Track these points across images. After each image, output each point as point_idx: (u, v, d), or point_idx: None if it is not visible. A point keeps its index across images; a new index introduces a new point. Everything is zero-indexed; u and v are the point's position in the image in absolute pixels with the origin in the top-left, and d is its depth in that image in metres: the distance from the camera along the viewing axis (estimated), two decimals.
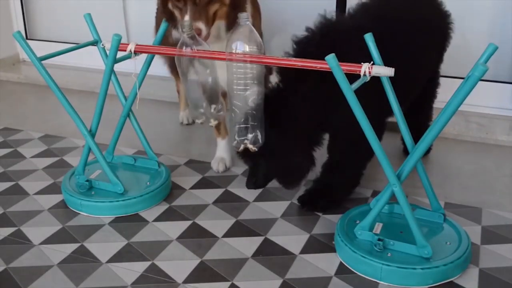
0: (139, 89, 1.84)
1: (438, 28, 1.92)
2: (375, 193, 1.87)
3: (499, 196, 1.89)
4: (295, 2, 2.68)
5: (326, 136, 1.76)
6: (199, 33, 1.63)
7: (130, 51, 1.69)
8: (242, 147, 1.57)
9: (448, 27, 1.96)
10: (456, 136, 2.34)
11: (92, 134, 1.83)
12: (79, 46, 1.92)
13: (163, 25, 1.83)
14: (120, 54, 1.69)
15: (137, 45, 1.69)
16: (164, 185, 1.88)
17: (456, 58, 2.49)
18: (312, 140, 1.69)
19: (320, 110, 1.62)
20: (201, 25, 1.64)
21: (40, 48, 2.30)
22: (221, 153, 2.11)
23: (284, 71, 1.61)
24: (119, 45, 1.67)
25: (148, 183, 1.90)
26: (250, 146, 1.56)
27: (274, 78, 1.69)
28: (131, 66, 1.73)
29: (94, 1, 3.12)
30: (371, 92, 1.46)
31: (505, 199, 1.88)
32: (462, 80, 1.59)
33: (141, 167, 2.00)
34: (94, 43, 1.94)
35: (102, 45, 1.70)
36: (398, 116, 1.58)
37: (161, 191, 1.88)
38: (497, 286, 1.45)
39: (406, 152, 2.05)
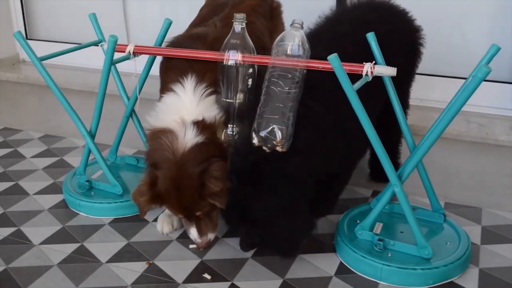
0: (140, 90, 1.83)
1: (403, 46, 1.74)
2: (375, 193, 1.87)
3: (499, 196, 1.89)
4: (295, 2, 2.68)
5: None
6: (208, 244, 1.56)
7: (129, 52, 1.68)
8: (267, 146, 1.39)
9: (416, 42, 1.78)
10: (456, 136, 2.34)
11: (92, 135, 1.83)
12: (83, 46, 1.91)
13: (165, 24, 1.83)
14: (120, 55, 1.69)
15: (136, 46, 1.68)
16: None
17: (456, 58, 2.50)
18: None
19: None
20: (210, 235, 1.55)
21: (40, 48, 2.30)
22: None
23: None
24: (115, 47, 1.66)
25: None
26: (278, 144, 1.38)
27: None
28: (134, 66, 1.73)
29: (94, 1, 3.12)
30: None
31: (505, 199, 1.88)
32: (462, 80, 1.59)
33: (143, 168, 1.99)
34: (98, 43, 1.93)
35: (100, 45, 1.69)
36: (399, 116, 1.58)
37: None
38: (497, 286, 1.45)
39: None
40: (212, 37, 1.64)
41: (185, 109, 1.53)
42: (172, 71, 1.61)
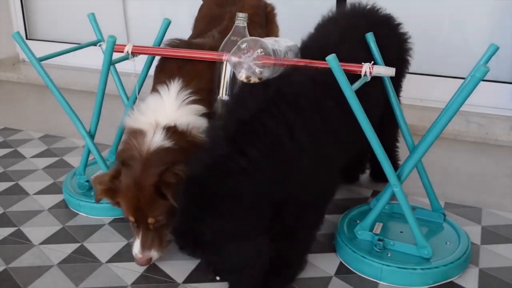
0: (139, 90, 1.83)
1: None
2: (375, 193, 1.87)
3: (499, 196, 1.89)
4: (295, 2, 2.68)
5: None
6: (148, 262, 1.50)
7: (128, 52, 1.68)
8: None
9: (404, 52, 1.72)
10: (456, 136, 2.34)
11: (91, 135, 1.83)
12: (82, 46, 1.91)
13: (164, 24, 1.82)
14: (119, 55, 1.69)
15: (134, 46, 1.68)
16: None
17: (456, 58, 2.49)
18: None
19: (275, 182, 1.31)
20: (152, 253, 1.49)
21: (40, 48, 2.31)
22: None
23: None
24: (114, 47, 1.66)
25: None
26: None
27: None
28: (138, 65, 1.72)
29: (94, 1, 3.12)
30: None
31: (505, 199, 1.88)
32: (461, 80, 1.59)
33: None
34: (97, 43, 1.93)
35: (99, 45, 1.69)
36: (398, 116, 1.58)
37: None
38: (497, 286, 1.45)
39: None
40: (209, 46, 1.65)
41: (163, 112, 1.53)
42: (163, 73, 1.62)
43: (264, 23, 1.96)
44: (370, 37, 1.52)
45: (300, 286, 1.46)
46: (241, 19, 1.54)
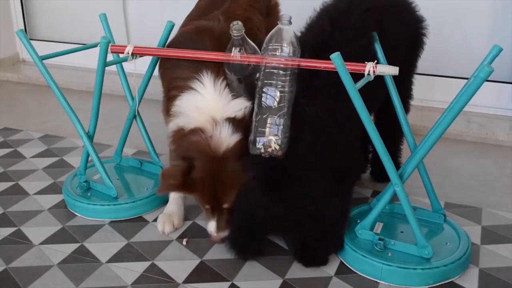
0: (143, 92, 1.82)
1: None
2: (375, 193, 1.87)
3: (499, 196, 1.89)
4: (294, 2, 2.68)
5: None
6: (222, 241, 1.59)
7: (128, 53, 1.67)
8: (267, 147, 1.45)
9: (419, 32, 1.80)
10: (456, 136, 2.34)
11: (90, 136, 1.82)
12: (88, 47, 1.90)
13: (167, 27, 1.82)
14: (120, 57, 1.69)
15: (135, 47, 1.67)
16: None
17: (456, 58, 2.50)
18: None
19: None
20: (225, 233, 1.58)
21: (40, 48, 2.30)
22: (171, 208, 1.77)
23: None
24: (107, 48, 1.65)
25: (146, 189, 1.87)
26: (274, 145, 1.43)
27: None
28: (138, 65, 1.71)
29: (94, 1, 3.12)
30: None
31: (505, 199, 1.88)
32: (462, 79, 1.59)
33: (146, 172, 1.98)
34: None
35: (99, 45, 1.67)
36: (400, 116, 1.58)
37: (155, 199, 1.82)
38: (497, 286, 1.45)
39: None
40: (218, 31, 1.63)
41: (212, 107, 1.53)
42: (184, 67, 1.60)
43: (265, 13, 1.94)
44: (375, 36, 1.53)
45: (300, 286, 1.46)
46: (235, 30, 1.49)
